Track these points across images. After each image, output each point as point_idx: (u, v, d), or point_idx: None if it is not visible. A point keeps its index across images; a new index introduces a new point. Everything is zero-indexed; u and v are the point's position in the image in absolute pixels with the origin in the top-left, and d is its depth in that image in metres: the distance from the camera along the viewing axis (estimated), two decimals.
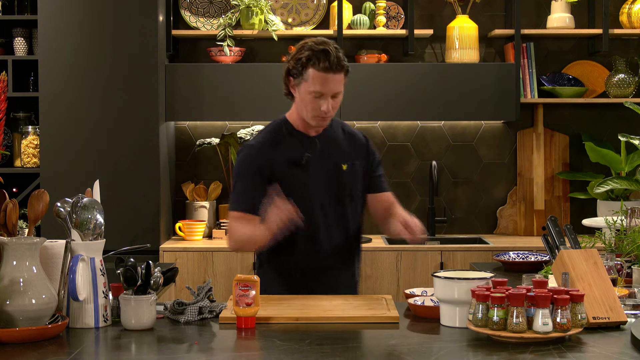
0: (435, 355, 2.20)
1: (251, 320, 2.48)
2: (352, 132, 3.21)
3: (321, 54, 2.94)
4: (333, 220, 3.08)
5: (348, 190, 3.11)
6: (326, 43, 2.98)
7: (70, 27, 4.73)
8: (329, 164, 3.08)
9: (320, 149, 3.08)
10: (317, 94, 2.96)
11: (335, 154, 3.11)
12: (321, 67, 2.94)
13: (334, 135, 3.14)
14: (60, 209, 2.56)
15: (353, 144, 3.16)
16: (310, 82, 2.96)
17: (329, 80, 2.96)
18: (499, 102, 4.98)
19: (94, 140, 4.74)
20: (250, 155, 3.06)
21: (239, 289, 2.48)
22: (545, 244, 2.79)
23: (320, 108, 2.98)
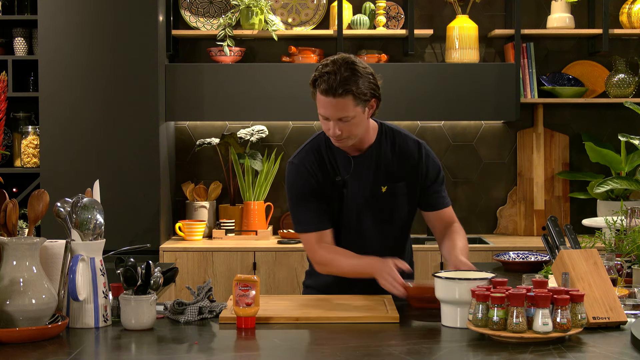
0: (435, 355, 2.20)
1: (251, 320, 2.48)
2: (405, 148, 3.01)
3: (324, 76, 2.78)
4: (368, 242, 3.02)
5: (387, 212, 3.01)
6: (339, 64, 2.79)
7: (70, 27, 4.74)
8: (366, 186, 2.97)
9: (355, 170, 2.96)
10: (323, 116, 2.83)
11: (373, 174, 2.97)
12: (322, 89, 2.79)
13: (378, 153, 2.98)
14: (60, 209, 2.56)
15: (401, 162, 3.00)
16: (318, 104, 2.83)
17: (329, 105, 2.79)
18: (499, 102, 4.98)
19: (94, 140, 4.74)
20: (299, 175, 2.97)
21: (239, 289, 2.48)
22: (545, 244, 2.79)
23: (329, 131, 2.85)
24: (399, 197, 3.01)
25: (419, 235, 5.19)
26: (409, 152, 3.02)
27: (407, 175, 3.01)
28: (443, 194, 3.10)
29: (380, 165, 2.99)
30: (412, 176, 3.01)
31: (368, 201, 2.99)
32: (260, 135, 5.12)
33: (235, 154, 5.06)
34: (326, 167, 2.97)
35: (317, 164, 2.97)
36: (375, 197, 2.99)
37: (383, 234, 3.04)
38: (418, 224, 5.25)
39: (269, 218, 5.13)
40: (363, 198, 2.98)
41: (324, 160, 2.98)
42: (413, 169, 3.01)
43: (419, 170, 3.02)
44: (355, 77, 2.80)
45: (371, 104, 2.89)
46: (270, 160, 5.11)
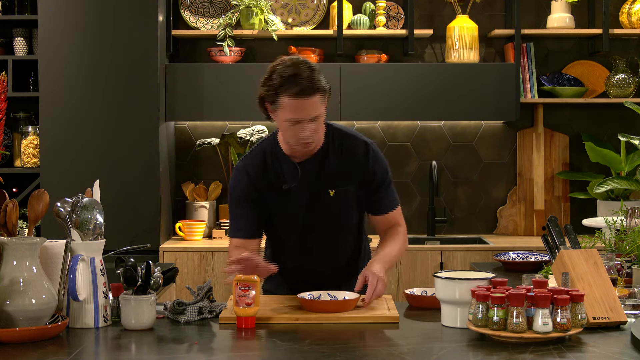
0: (435, 355, 2.20)
1: (251, 320, 2.48)
2: (352, 151, 2.93)
3: (291, 79, 2.71)
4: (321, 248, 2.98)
5: (335, 217, 2.95)
6: (296, 65, 2.75)
7: (70, 27, 4.74)
8: (313, 191, 2.90)
9: (303, 176, 2.89)
10: (294, 121, 2.74)
11: (321, 179, 2.90)
12: (293, 93, 2.71)
13: (325, 157, 2.91)
14: (60, 209, 2.56)
15: (349, 165, 2.92)
16: (285, 110, 2.73)
17: (303, 106, 2.72)
18: (499, 102, 4.98)
19: (94, 140, 4.74)
20: (238, 180, 2.95)
21: (239, 289, 2.48)
22: (545, 244, 2.79)
23: (299, 135, 2.77)
24: (349, 201, 2.94)
25: (419, 235, 5.19)
26: (356, 155, 2.93)
27: (354, 178, 2.93)
28: (390, 197, 3.01)
29: (327, 169, 2.90)
30: (359, 179, 2.93)
31: (316, 207, 2.92)
32: (260, 135, 5.12)
33: (235, 154, 5.06)
34: (271, 175, 2.91)
35: (262, 172, 2.92)
36: (323, 202, 2.92)
37: (333, 240, 2.99)
38: (417, 223, 5.26)
39: None
40: (311, 204, 2.92)
41: (269, 167, 2.91)
42: (360, 172, 2.93)
43: (366, 174, 2.93)
44: (316, 74, 2.77)
45: (326, 99, 2.84)
46: None
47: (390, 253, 2.94)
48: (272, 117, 2.84)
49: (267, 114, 2.85)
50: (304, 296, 2.68)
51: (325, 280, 2.94)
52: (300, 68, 2.75)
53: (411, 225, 5.26)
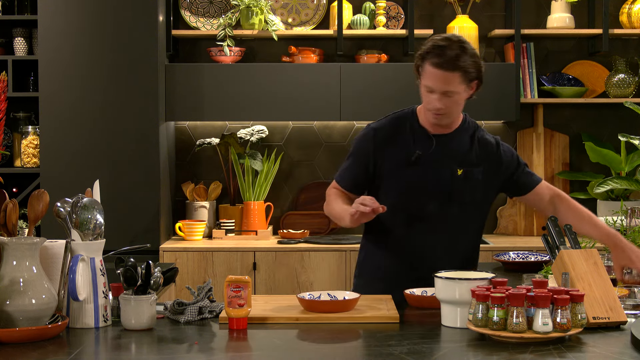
0: (435, 355, 2.20)
1: (243, 322, 2.46)
2: (484, 139, 3.11)
3: (437, 49, 2.90)
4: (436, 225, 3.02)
5: (458, 196, 3.01)
6: (450, 40, 2.93)
7: (70, 27, 4.74)
8: (442, 166, 3.01)
9: (436, 149, 3.02)
10: (428, 88, 2.94)
11: (452, 156, 3.02)
12: (433, 62, 2.90)
13: (458, 137, 3.06)
14: (60, 209, 2.56)
15: (480, 150, 3.07)
16: (425, 76, 2.95)
17: (439, 77, 2.91)
18: (499, 102, 4.98)
19: (94, 140, 4.74)
20: (366, 138, 3.07)
21: (230, 290, 2.47)
22: (545, 244, 2.79)
23: (430, 104, 2.95)
24: (475, 183, 3.03)
25: None
26: (487, 143, 3.10)
27: (484, 163, 3.06)
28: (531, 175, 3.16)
29: (459, 149, 3.04)
30: (490, 165, 3.06)
31: (440, 182, 3.00)
32: (260, 135, 5.12)
33: (235, 154, 5.06)
34: (400, 141, 3.03)
35: (392, 136, 3.04)
36: (449, 179, 3.00)
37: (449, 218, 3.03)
38: None
39: (269, 218, 5.14)
40: (435, 178, 3.00)
41: (406, 132, 3.04)
42: (491, 158, 3.07)
43: (499, 159, 3.08)
44: (465, 56, 2.92)
45: (472, 85, 2.99)
46: (270, 160, 5.11)
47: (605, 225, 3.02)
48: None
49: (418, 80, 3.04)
50: (304, 296, 2.68)
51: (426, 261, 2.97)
52: (452, 42, 2.92)
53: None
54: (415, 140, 3.03)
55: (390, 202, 2.95)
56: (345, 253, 4.73)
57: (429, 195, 3.01)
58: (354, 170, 3.08)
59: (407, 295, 2.80)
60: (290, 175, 5.34)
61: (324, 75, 4.95)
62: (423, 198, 3.01)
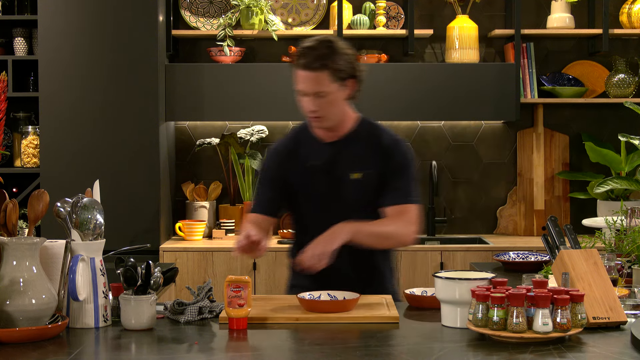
0: (435, 355, 2.20)
1: (243, 322, 2.46)
2: (379, 140, 2.99)
3: (304, 51, 2.87)
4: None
5: (354, 200, 2.97)
6: (319, 41, 2.89)
7: (70, 27, 4.74)
8: (337, 173, 2.97)
9: (330, 157, 2.97)
10: (301, 92, 2.89)
11: (346, 162, 2.97)
12: (300, 64, 2.87)
13: (353, 141, 2.99)
14: (60, 209, 2.56)
15: (373, 150, 2.98)
16: (296, 81, 2.91)
17: (307, 78, 2.86)
18: (499, 102, 4.98)
19: (94, 140, 4.74)
20: (267, 160, 3.09)
21: (230, 290, 2.47)
22: (545, 244, 2.79)
23: (304, 107, 2.90)
24: (369, 186, 2.96)
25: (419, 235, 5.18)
26: (382, 144, 2.98)
27: (379, 166, 2.96)
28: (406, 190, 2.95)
29: (353, 153, 2.97)
30: (384, 166, 2.96)
31: (337, 188, 2.97)
32: (260, 135, 5.12)
33: (235, 154, 5.06)
34: (299, 153, 3.00)
35: (291, 150, 3.02)
36: (344, 185, 2.96)
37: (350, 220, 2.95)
38: None
39: None
40: (332, 184, 2.97)
41: (299, 146, 3.02)
42: (385, 161, 2.97)
43: (387, 159, 2.97)
44: (333, 54, 2.87)
45: (348, 84, 2.92)
46: None
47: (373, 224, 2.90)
48: None
49: None
50: (304, 296, 2.68)
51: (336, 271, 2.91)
52: (320, 43, 2.88)
53: None
54: (312, 150, 3.00)
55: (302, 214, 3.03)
56: None
57: (330, 204, 2.98)
58: (267, 194, 3.03)
59: (407, 295, 2.80)
60: None
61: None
62: (326, 207, 2.98)
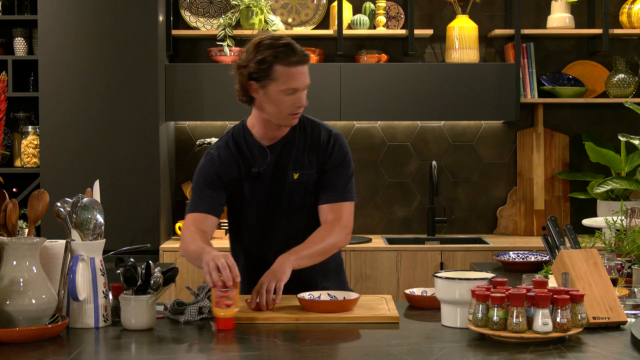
0: (435, 355, 2.20)
1: (231, 322, 2.46)
2: (317, 138, 2.97)
3: (286, 49, 2.79)
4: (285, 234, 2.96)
5: (299, 200, 2.95)
6: (283, 37, 2.84)
7: (70, 27, 4.73)
8: (280, 175, 2.94)
9: (273, 160, 2.94)
10: (291, 90, 2.81)
11: (288, 162, 2.94)
12: (291, 62, 2.79)
13: (292, 141, 2.95)
14: (60, 209, 2.56)
15: (312, 149, 2.96)
16: (280, 81, 2.80)
17: (300, 74, 2.82)
18: (499, 102, 4.98)
19: (94, 140, 4.74)
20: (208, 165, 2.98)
21: (218, 291, 2.46)
22: (545, 244, 2.79)
23: (295, 105, 2.83)
24: (310, 185, 2.95)
25: (419, 235, 5.19)
26: (321, 141, 2.96)
27: (316, 162, 2.95)
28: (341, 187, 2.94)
29: (294, 153, 2.95)
30: (320, 164, 2.95)
31: (280, 189, 2.95)
32: None
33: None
34: (241, 160, 2.96)
35: (233, 157, 2.96)
36: (288, 185, 2.95)
37: (293, 223, 2.97)
38: (417, 223, 5.26)
39: None
40: (276, 186, 2.94)
41: (240, 152, 2.96)
42: (319, 153, 2.95)
43: (324, 155, 2.95)
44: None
45: None
46: None
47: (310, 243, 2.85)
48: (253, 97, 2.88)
49: (246, 95, 2.90)
50: (304, 296, 2.68)
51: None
52: (288, 39, 2.84)
53: (411, 225, 5.27)
54: (253, 155, 2.95)
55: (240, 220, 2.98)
56: (345, 253, 4.73)
57: (274, 207, 2.96)
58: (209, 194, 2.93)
59: (407, 295, 2.80)
60: None
61: (324, 75, 4.94)
62: (266, 209, 2.96)
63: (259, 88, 2.85)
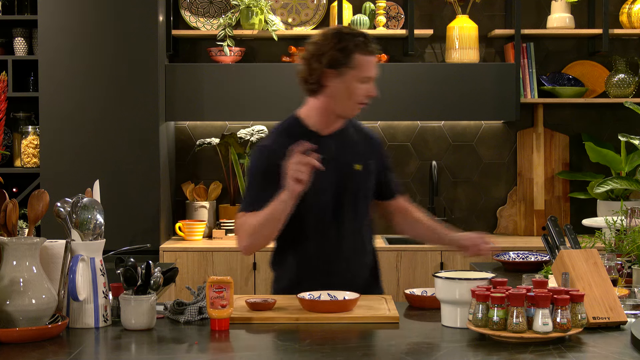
0: (435, 355, 2.20)
1: (225, 322, 2.45)
2: (367, 132, 3.12)
3: (365, 39, 2.92)
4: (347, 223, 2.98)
5: (363, 190, 3.01)
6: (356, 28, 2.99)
7: (70, 27, 4.74)
8: (343, 165, 2.98)
9: (334, 150, 2.97)
10: (365, 79, 2.93)
11: (348, 154, 3.00)
12: (367, 51, 2.91)
13: (347, 133, 3.03)
14: (60, 209, 2.56)
15: (368, 143, 3.08)
16: (358, 69, 2.90)
17: (374, 64, 2.96)
18: (499, 102, 4.98)
19: (94, 140, 4.74)
20: (262, 157, 2.93)
21: (212, 291, 2.46)
22: (545, 244, 2.79)
23: (367, 93, 2.94)
24: (371, 175, 3.04)
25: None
26: (371, 136, 3.13)
27: (373, 156, 3.06)
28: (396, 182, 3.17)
29: (352, 144, 3.02)
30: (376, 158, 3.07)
31: (343, 180, 2.96)
32: (260, 135, 5.12)
33: (235, 154, 5.06)
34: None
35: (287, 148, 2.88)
36: (351, 176, 2.98)
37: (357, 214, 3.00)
38: None
39: None
40: (339, 178, 2.95)
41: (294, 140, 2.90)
42: (377, 151, 3.10)
43: (382, 155, 3.12)
44: None
45: None
46: None
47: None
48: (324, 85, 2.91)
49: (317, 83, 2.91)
50: (304, 296, 2.68)
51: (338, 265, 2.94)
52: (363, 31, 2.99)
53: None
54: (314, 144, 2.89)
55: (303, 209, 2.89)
56: None
57: (335, 196, 2.96)
58: (263, 192, 2.85)
59: (407, 295, 2.80)
60: None
61: None
62: (330, 199, 2.96)
63: (336, 76, 2.91)
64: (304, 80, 2.96)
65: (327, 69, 2.89)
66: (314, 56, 2.92)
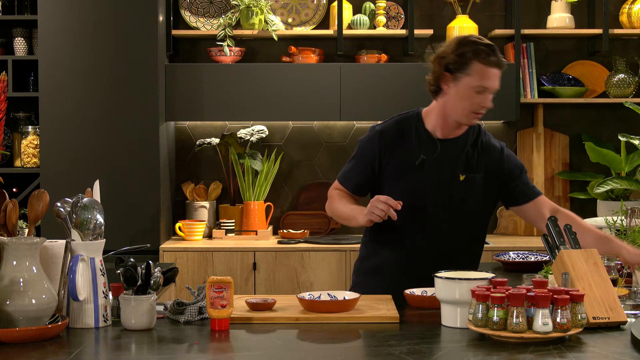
0: (435, 355, 2.20)
1: (225, 322, 2.46)
2: (488, 143, 3.08)
3: (488, 49, 2.93)
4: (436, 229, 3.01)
5: (459, 201, 3.01)
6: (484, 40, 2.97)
7: (70, 27, 4.74)
8: (445, 171, 3.00)
9: (440, 154, 3.00)
10: (480, 88, 2.92)
11: (455, 161, 3.01)
12: (489, 61, 2.92)
13: (462, 142, 3.04)
14: (60, 209, 2.56)
15: (484, 155, 3.05)
16: (474, 77, 2.92)
17: (495, 76, 2.94)
18: (499, 102, 4.94)
19: (94, 140, 4.74)
20: (372, 140, 3.05)
21: (212, 291, 2.46)
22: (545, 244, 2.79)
23: (480, 104, 2.93)
24: (476, 189, 3.02)
25: None
26: (491, 147, 3.09)
27: (487, 168, 3.05)
28: (531, 186, 3.12)
29: (463, 154, 3.03)
30: (492, 171, 3.05)
31: (442, 187, 3.00)
32: (260, 135, 5.12)
33: (235, 154, 5.06)
34: (406, 145, 3.02)
35: (397, 139, 3.02)
36: (451, 184, 3.00)
37: (452, 223, 3.03)
38: None
39: (269, 218, 5.14)
40: (438, 183, 3.00)
41: (410, 135, 3.03)
42: (493, 164, 3.06)
43: (499, 167, 3.07)
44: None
45: None
46: (270, 160, 5.11)
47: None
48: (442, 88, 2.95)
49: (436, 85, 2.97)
50: (304, 296, 2.68)
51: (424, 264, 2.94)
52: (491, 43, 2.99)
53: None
54: (420, 144, 3.02)
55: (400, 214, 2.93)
56: (345, 253, 4.73)
57: (430, 200, 3.01)
58: (358, 172, 3.08)
59: (407, 295, 2.80)
60: (290, 175, 5.34)
61: (324, 75, 4.95)
62: (425, 202, 3.01)
63: (452, 80, 2.94)
64: (427, 81, 3.03)
65: (445, 72, 2.95)
66: (437, 58, 2.99)
